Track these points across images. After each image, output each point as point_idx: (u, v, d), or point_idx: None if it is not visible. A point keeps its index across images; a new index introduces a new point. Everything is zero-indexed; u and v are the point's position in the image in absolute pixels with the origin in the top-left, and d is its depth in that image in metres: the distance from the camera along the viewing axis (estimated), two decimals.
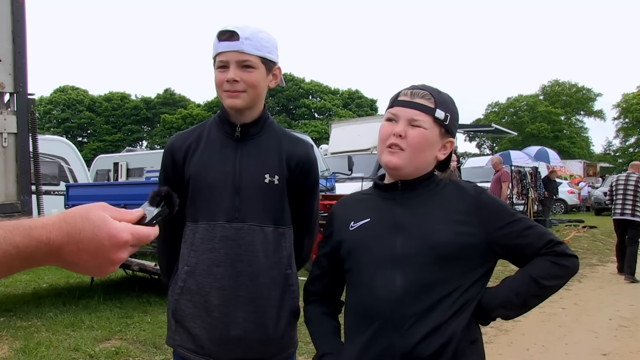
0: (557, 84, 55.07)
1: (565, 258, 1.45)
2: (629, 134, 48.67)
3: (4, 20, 4.35)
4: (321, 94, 54.10)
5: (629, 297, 7.04)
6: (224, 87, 1.68)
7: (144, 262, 6.03)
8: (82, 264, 0.81)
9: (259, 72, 1.69)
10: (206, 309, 1.67)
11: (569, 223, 17.87)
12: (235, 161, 1.72)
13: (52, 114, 51.77)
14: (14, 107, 4.50)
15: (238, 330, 1.66)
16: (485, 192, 1.50)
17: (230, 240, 1.68)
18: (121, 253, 0.82)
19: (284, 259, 1.73)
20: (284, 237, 1.74)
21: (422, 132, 1.44)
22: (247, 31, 1.66)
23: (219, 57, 1.69)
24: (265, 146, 1.76)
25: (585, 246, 12.07)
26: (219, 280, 1.67)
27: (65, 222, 0.79)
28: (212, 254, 1.68)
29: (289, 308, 1.74)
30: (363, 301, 1.46)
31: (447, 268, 1.40)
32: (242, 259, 1.67)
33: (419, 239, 1.42)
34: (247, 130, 1.74)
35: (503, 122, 47.89)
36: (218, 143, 1.76)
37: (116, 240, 0.80)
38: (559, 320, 5.49)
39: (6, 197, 4.40)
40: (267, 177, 1.71)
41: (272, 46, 1.73)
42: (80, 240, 0.79)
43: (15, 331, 4.81)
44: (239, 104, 1.69)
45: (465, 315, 1.40)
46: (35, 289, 6.96)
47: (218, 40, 1.68)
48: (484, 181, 15.33)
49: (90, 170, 15.72)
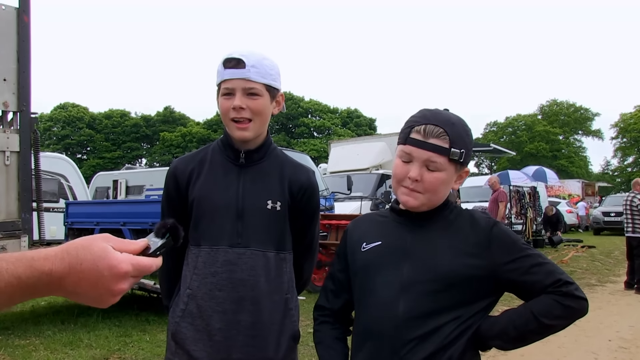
0: (555, 104, 55.36)
1: (572, 299, 1.40)
2: (626, 153, 48.86)
3: (9, 40, 4.41)
4: (320, 112, 54.33)
5: (628, 318, 7.01)
6: (230, 115, 1.69)
7: (143, 281, 6.00)
8: (83, 293, 0.83)
9: (264, 100, 1.71)
10: (208, 332, 1.68)
11: (567, 243, 17.85)
12: (239, 186, 1.73)
13: (52, 131, 51.91)
14: (17, 125, 4.54)
15: (239, 354, 1.67)
16: (498, 225, 1.48)
17: (232, 264, 1.69)
18: (121, 284, 0.83)
19: (284, 283, 1.75)
20: (285, 262, 1.76)
21: (437, 176, 1.42)
22: (252, 59, 1.68)
23: (224, 85, 1.70)
24: (268, 172, 1.78)
25: (584, 266, 12.04)
26: (220, 305, 1.68)
27: (68, 254, 0.81)
28: (214, 278, 1.69)
29: (289, 332, 1.75)
30: (366, 322, 1.48)
31: (451, 297, 1.40)
32: (244, 283, 1.68)
33: (426, 267, 1.43)
34: (250, 156, 1.77)
35: (501, 142, 48.01)
36: (221, 168, 1.77)
37: (116, 271, 0.81)
38: (558, 341, 5.45)
39: (7, 215, 4.41)
40: (270, 203, 1.73)
41: (276, 73, 1.76)
42: (81, 271, 0.80)
43: (13, 350, 4.78)
44: (248, 136, 1.71)
45: (463, 340, 1.40)
46: (33, 307, 6.92)
47: (224, 67, 1.69)
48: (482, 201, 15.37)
49: (89, 187, 15.72)
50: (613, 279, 10.47)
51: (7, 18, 4.42)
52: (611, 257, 14.12)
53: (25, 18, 4.51)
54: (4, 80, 4.40)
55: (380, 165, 12.99)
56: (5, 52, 4.40)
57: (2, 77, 4.39)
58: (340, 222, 7.96)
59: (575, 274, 10.45)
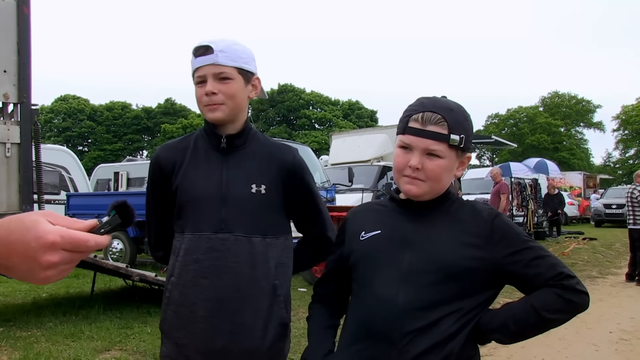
0: (557, 96, 55.21)
1: (573, 293, 1.39)
2: (628, 145, 48.82)
3: (9, 32, 4.39)
4: (321, 104, 54.22)
5: (629, 310, 7.02)
6: (203, 102, 1.70)
7: (144, 273, 6.02)
8: (13, 267, 0.82)
9: (237, 83, 1.71)
10: (192, 320, 1.67)
11: (568, 235, 17.87)
12: (222, 172, 1.73)
13: (53, 123, 51.89)
14: (17, 117, 4.53)
15: (224, 341, 1.65)
16: (500, 217, 1.47)
17: (216, 251, 1.67)
18: (49, 255, 0.80)
19: (271, 269, 1.72)
20: (271, 247, 1.73)
21: (439, 163, 1.42)
22: (221, 44, 1.69)
23: (196, 73, 1.71)
24: (251, 156, 1.76)
25: (585, 258, 12.06)
26: (204, 292, 1.66)
27: (0, 226, 0.81)
28: (198, 265, 1.67)
29: (277, 319, 1.72)
30: (365, 312, 1.46)
31: (451, 288, 1.39)
32: (228, 270, 1.66)
33: (427, 257, 1.42)
34: (232, 141, 1.75)
35: (503, 134, 47.94)
36: (204, 155, 1.77)
37: (42, 241, 0.79)
38: (558, 333, 5.45)
39: (8, 207, 4.41)
40: (254, 187, 1.71)
41: (248, 57, 1.75)
42: (10, 242, 0.79)
43: (15, 341, 4.80)
44: (219, 116, 1.70)
45: (463, 334, 1.39)
46: (35, 298, 6.95)
47: (194, 56, 1.71)
48: (484, 193, 15.38)
49: (90, 179, 15.73)
50: (614, 271, 10.49)
51: (7, 10, 4.41)
52: (612, 249, 14.14)
53: (25, 9, 4.49)
54: (5, 72, 4.39)
55: (381, 157, 12.96)
56: (5, 44, 4.39)
57: (3, 68, 4.38)
58: (342, 214, 7.91)
59: (576, 266, 10.46)
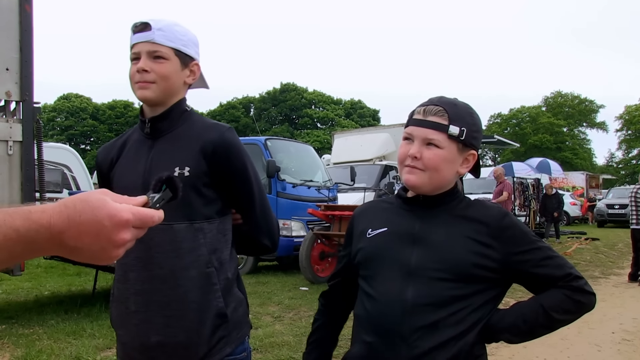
0: (560, 96, 55.11)
1: (582, 294, 1.41)
2: (631, 145, 48.75)
3: (12, 30, 4.40)
4: (324, 104, 54.22)
5: (632, 310, 7.00)
6: (135, 79, 1.63)
7: None
8: (85, 248, 0.80)
9: (171, 64, 1.64)
10: (127, 315, 1.64)
11: (571, 235, 17.83)
12: (147, 160, 1.66)
13: (55, 122, 51.96)
14: (19, 115, 4.54)
15: (158, 336, 1.59)
16: (509, 216, 1.47)
17: (140, 242, 1.60)
18: (123, 233, 0.81)
19: (203, 256, 1.60)
20: (201, 232, 1.61)
21: (437, 152, 1.42)
22: (160, 23, 1.63)
23: (132, 50, 1.65)
24: (179, 139, 1.67)
25: (588, 258, 12.03)
26: (133, 286, 1.62)
27: (65, 207, 0.78)
28: (126, 258, 1.56)
29: (214, 309, 1.61)
30: (374, 309, 1.46)
31: (460, 285, 1.39)
32: (153, 261, 1.59)
33: (435, 254, 1.42)
34: (157, 125, 1.68)
35: (505, 133, 47.88)
36: (135, 146, 1.72)
37: (117, 219, 0.79)
38: (561, 333, 5.40)
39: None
40: (177, 170, 1.61)
41: (189, 40, 1.70)
42: (81, 222, 0.77)
43: (17, 339, 4.81)
44: (148, 95, 1.63)
45: (473, 333, 1.39)
46: (37, 296, 6.96)
47: (132, 32, 1.65)
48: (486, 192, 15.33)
49: (93, 177, 15.75)
50: (617, 271, 10.46)
51: (10, 7, 4.41)
52: (615, 250, 14.10)
53: (27, 7, 4.50)
54: (7, 70, 4.40)
55: (383, 156, 12.96)
56: (7, 42, 4.40)
57: (5, 66, 4.39)
58: (344, 213, 7.94)
59: (579, 266, 10.44)
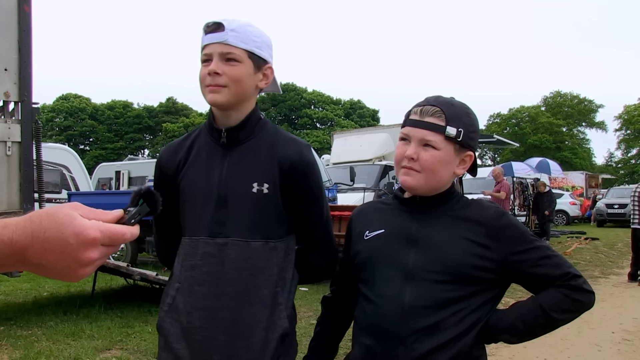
0: (559, 95, 55.09)
1: (580, 293, 1.40)
2: (630, 145, 48.76)
3: (10, 30, 4.38)
4: (323, 104, 54.25)
5: (632, 310, 6.99)
6: (205, 82, 1.56)
7: (145, 272, 6.02)
8: (49, 266, 0.76)
9: (245, 67, 1.55)
10: (189, 330, 1.55)
11: (570, 235, 17.83)
12: (222, 170, 1.59)
13: (54, 122, 51.97)
14: (18, 116, 4.53)
15: (221, 355, 1.52)
16: (507, 215, 1.46)
17: (212, 257, 1.54)
18: (89, 252, 0.75)
19: (274, 276, 1.57)
20: (275, 251, 1.58)
21: (434, 154, 1.41)
22: (234, 23, 1.55)
23: (203, 51, 1.58)
24: (256, 151, 1.60)
25: (587, 258, 12.03)
26: (200, 301, 1.54)
27: (31, 222, 0.75)
28: (194, 271, 1.56)
29: (279, 329, 1.56)
30: (372, 311, 1.45)
31: (458, 287, 1.39)
32: (225, 277, 1.53)
33: (432, 255, 1.41)
34: (233, 135, 1.61)
35: (505, 133, 47.84)
36: (206, 151, 1.64)
37: (83, 237, 0.74)
38: (561, 333, 5.42)
39: (9, 206, 4.40)
40: (256, 186, 1.56)
41: (263, 42, 1.61)
42: (45, 239, 0.73)
43: (16, 340, 4.79)
44: (219, 99, 1.55)
45: (472, 334, 1.39)
46: (35, 297, 6.94)
47: (204, 33, 1.58)
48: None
49: (92, 178, 15.74)
50: (616, 271, 10.46)
51: (8, 7, 4.40)
52: (615, 249, 14.10)
53: (26, 8, 4.49)
54: (5, 70, 4.38)
55: (383, 156, 12.94)
56: (6, 42, 4.38)
57: (3, 67, 4.37)
58: (343, 213, 7.93)
59: (578, 266, 10.43)
